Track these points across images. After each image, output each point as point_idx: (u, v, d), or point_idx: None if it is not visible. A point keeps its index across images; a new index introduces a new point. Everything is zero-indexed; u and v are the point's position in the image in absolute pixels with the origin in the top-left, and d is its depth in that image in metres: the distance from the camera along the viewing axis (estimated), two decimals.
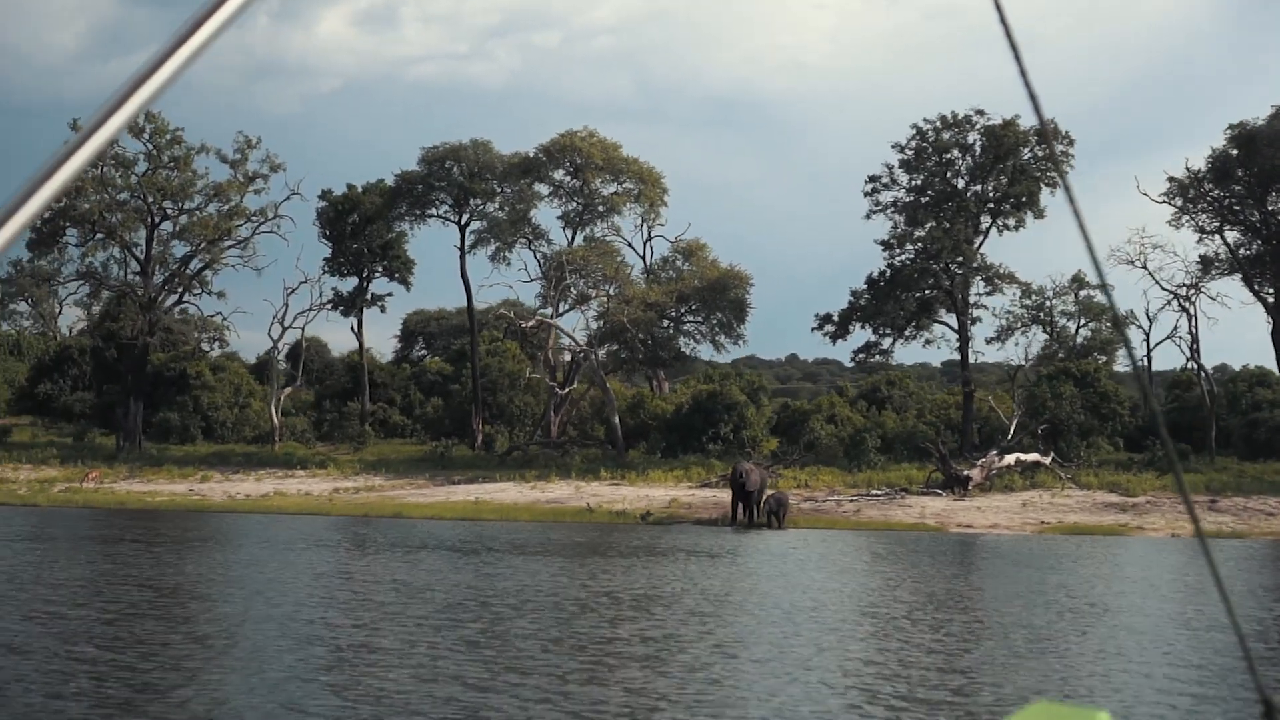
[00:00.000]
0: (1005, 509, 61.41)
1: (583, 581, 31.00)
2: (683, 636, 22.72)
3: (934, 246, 75.50)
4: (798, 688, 18.29)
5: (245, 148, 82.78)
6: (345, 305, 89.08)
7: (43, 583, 28.89)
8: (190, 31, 1.73)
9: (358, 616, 24.54)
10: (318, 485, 67.37)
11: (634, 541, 44.48)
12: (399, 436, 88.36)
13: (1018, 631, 24.25)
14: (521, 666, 19.15)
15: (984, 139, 77.22)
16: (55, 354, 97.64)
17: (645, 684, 18.21)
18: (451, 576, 31.53)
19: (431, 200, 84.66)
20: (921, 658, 21.13)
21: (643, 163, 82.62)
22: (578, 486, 66.88)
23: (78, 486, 64.42)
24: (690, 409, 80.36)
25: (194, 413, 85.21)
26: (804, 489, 67.11)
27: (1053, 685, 18.86)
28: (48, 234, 78.88)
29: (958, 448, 75.32)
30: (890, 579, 33.97)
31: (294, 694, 16.93)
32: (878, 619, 25.76)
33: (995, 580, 34.62)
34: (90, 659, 19.21)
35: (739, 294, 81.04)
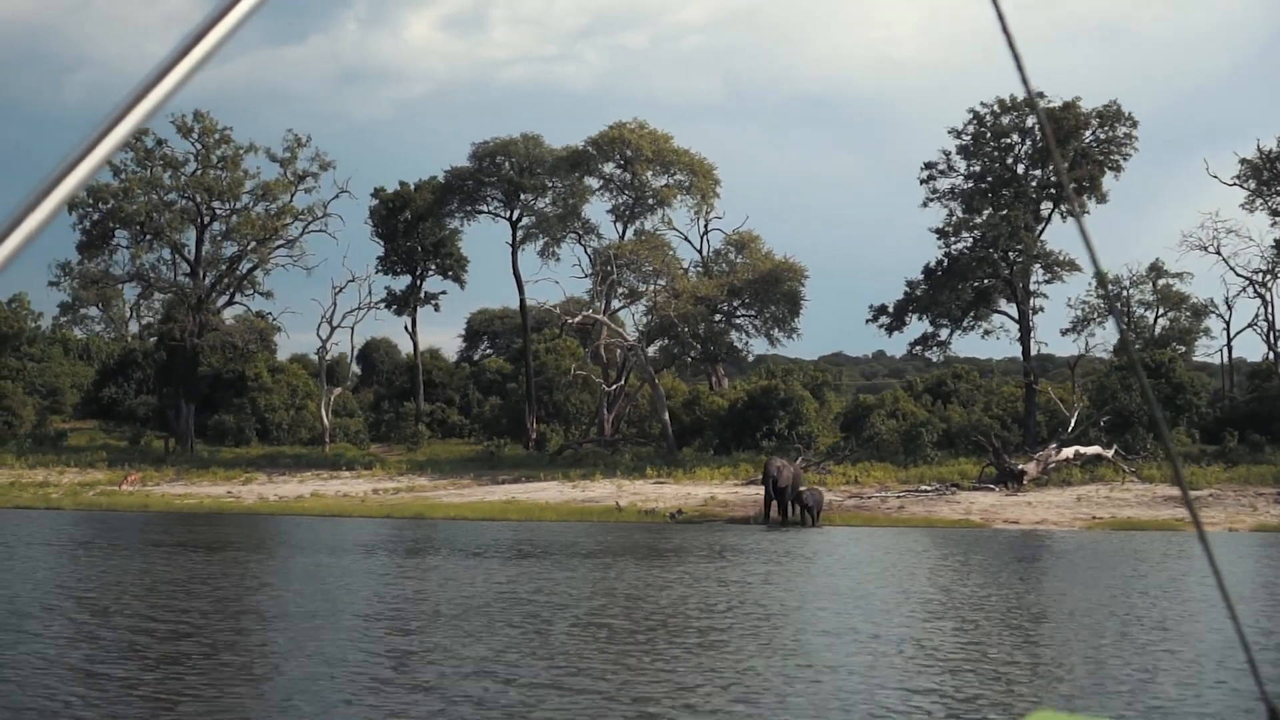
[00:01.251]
0: (1057, 504, 59.15)
1: (533, 586, 29.48)
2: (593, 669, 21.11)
3: (991, 234, 73.06)
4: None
5: (295, 146, 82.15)
6: (398, 304, 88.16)
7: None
8: (199, 36, 1.67)
9: (241, 625, 23.18)
10: (360, 486, 66.33)
11: (644, 541, 42.97)
12: (457, 436, 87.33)
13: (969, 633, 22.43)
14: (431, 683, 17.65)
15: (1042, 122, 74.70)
16: (120, 358, 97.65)
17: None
18: (394, 585, 30.12)
19: (482, 196, 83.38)
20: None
21: (694, 154, 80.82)
22: (620, 485, 65.38)
23: (115, 490, 63.81)
24: (744, 405, 78.59)
25: (249, 415, 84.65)
26: (853, 485, 65.31)
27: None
28: (97, 236, 78.56)
29: (1021, 442, 73.05)
30: (867, 581, 32.13)
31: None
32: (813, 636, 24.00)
33: (993, 579, 32.66)
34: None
35: (792, 287, 79.06)
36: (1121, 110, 74.46)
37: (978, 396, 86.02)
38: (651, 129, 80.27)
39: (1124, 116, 74.42)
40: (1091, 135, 74.61)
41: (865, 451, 73.91)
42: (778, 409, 76.99)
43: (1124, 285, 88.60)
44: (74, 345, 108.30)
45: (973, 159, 75.92)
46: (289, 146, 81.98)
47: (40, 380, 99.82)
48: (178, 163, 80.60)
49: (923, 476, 66.54)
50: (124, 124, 1.60)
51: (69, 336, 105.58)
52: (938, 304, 74.70)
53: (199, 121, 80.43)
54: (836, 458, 70.61)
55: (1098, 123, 74.43)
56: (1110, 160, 74.63)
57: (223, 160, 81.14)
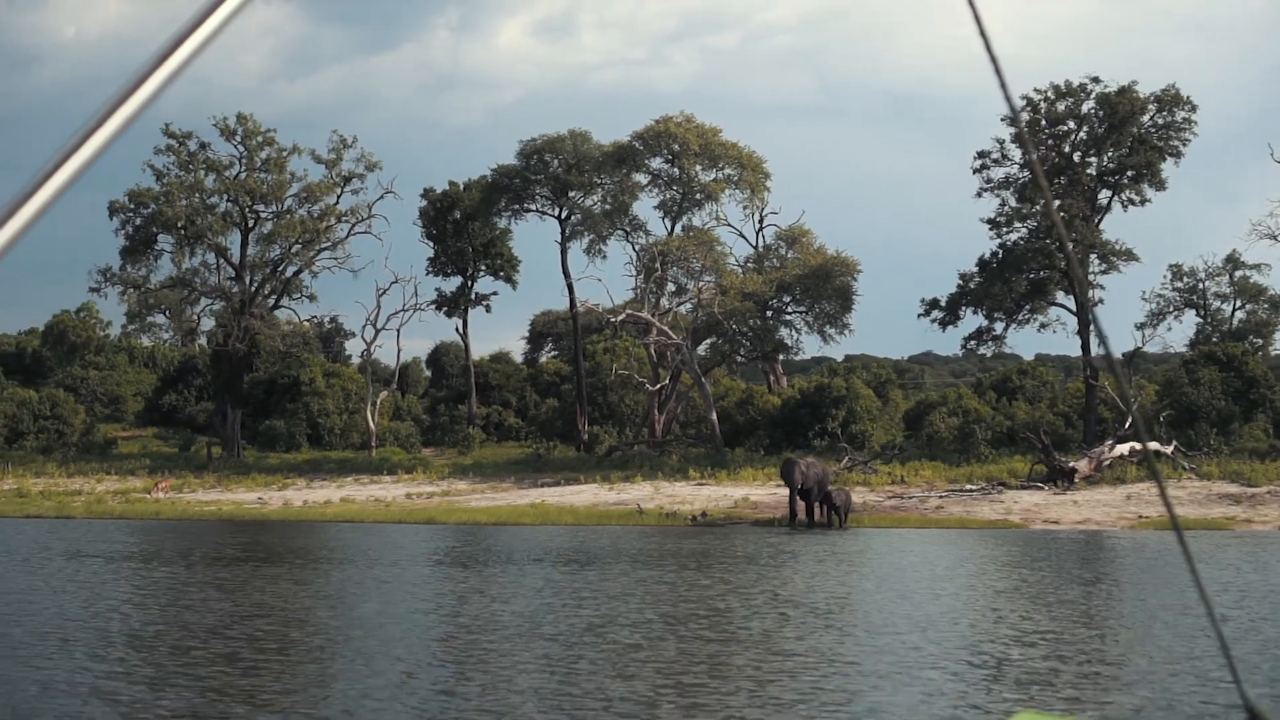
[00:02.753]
0: (1105, 502, 56.90)
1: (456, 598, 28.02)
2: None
3: (1045, 223, 70.58)
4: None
5: (340, 147, 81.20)
6: (449, 306, 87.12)
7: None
8: (186, 34, 1.73)
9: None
10: (396, 490, 65.20)
11: (639, 546, 41.43)
12: (513, 439, 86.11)
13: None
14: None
15: (1099, 108, 72.12)
16: (179, 365, 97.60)
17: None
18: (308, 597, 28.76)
19: (530, 194, 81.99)
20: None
21: (742, 147, 78.64)
22: (658, 487, 63.84)
23: (144, 497, 63.16)
24: (797, 404, 76.69)
25: (300, 419, 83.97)
26: (899, 485, 63.42)
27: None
28: (140, 241, 78.09)
29: (1082, 439, 70.63)
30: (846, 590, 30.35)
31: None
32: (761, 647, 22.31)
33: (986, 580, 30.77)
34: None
35: (844, 282, 76.86)
36: (1180, 94, 71.72)
37: (1043, 393, 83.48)
38: (698, 122, 78.40)
39: (1183, 101, 71.65)
40: (1150, 120, 71.94)
41: (917, 450, 71.91)
42: (830, 407, 75.02)
43: (1199, 277, 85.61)
44: (139, 353, 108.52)
45: (1028, 147, 73.51)
46: (334, 148, 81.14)
47: (102, 389, 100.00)
48: (220, 166, 79.93)
49: (972, 475, 64.52)
50: (109, 124, 1.61)
51: (134, 345, 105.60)
52: (990, 296, 72.26)
53: (242, 124, 79.80)
54: (885, 457, 68.60)
55: (1155, 108, 71.76)
56: (1169, 146, 71.88)
57: (266, 163, 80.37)
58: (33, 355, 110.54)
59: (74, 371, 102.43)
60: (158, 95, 1.66)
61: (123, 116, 1.62)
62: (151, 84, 1.65)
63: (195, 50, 1.69)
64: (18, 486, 66.93)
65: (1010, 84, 2.25)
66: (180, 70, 1.67)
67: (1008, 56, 2.20)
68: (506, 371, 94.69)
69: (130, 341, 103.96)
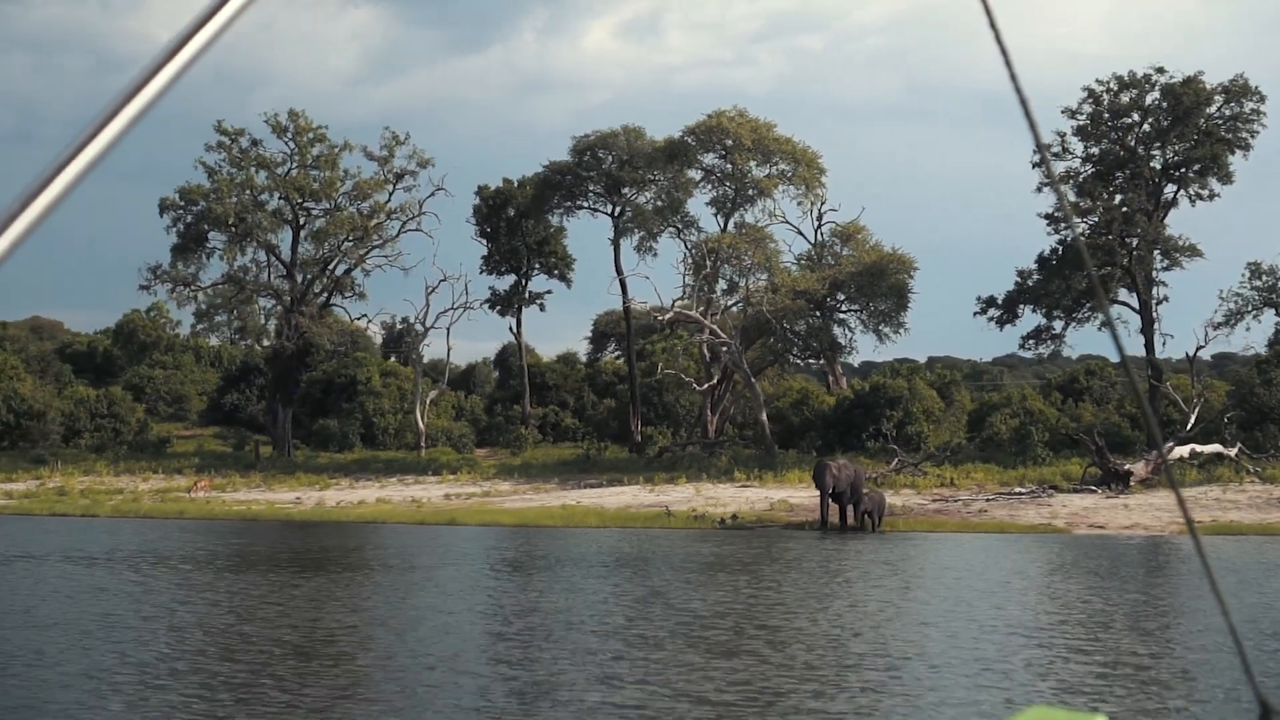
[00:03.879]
0: (1157, 506, 54.77)
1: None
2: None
3: (1106, 218, 68.31)
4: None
5: (393, 144, 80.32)
6: (502, 305, 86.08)
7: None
8: (190, 34, 1.73)
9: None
10: (436, 491, 64.17)
11: (640, 550, 40.20)
12: (569, 440, 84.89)
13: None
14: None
15: (1163, 99, 69.72)
16: (241, 364, 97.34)
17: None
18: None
19: (582, 191, 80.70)
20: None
21: (796, 142, 76.87)
22: (699, 489, 62.44)
23: (184, 497, 62.63)
24: (850, 405, 74.95)
25: (355, 419, 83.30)
26: (948, 487, 61.64)
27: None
28: (190, 238, 77.65)
29: (1146, 441, 68.31)
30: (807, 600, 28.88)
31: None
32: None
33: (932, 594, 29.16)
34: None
35: (899, 279, 74.89)
36: (1249, 85, 69.16)
37: (1111, 394, 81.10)
38: (751, 117, 76.73)
39: (1251, 91, 69.09)
40: (1216, 112, 69.49)
41: (974, 452, 70.04)
42: (885, 408, 73.22)
43: (1278, 276, 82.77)
44: (206, 352, 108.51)
45: (1089, 140, 71.23)
46: (386, 144, 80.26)
47: (166, 388, 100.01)
48: (271, 163, 79.36)
49: (1025, 478, 62.62)
50: (114, 123, 1.62)
51: (201, 344, 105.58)
52: (1048, 294, 70.06)
53: (293, 120, 79.20)
54: (937, 459, 66.73)
55: (1222, 99, 69.29)
56: (1238, 139, 69.34)
57: (318, 160, 79.70)
58: (104, 355, 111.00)
59: (140, 371, 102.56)
60: (169, 89, 1.64)
61: (133, 111, 1.60)
62: (161, 79, 1.62)
63: (205, 44, 1.66)
64: (62, 485, 66.69)
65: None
66: (192, 63, 1.65)
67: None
68: (564, 372, 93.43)
69: (198, 341, 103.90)
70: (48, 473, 71.23)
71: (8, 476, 69.80)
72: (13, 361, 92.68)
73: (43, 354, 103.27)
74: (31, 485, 66.94)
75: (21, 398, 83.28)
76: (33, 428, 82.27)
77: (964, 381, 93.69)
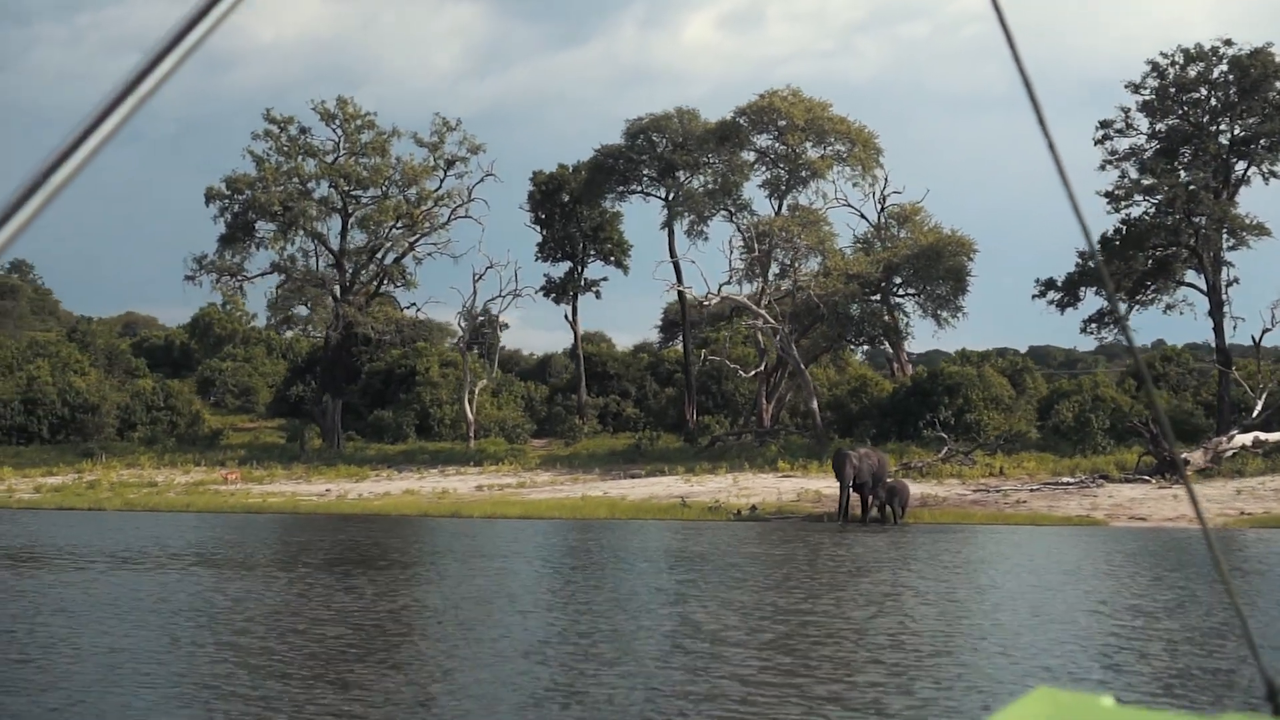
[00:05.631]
0: (1211, 497, 51.76)
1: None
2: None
3: (1169, 196, 65.09)
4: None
5: (443, 130, 78.91)
6: (557, 292, 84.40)
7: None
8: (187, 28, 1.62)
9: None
10: (469, 482, 62.67)
11: (613, 544, 38.35)
12: (629, 430, 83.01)
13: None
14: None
15: (1231, 72, 66.31)
16: (308, 356, 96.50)
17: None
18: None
19: (636, 175, 78.74)
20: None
21: (852, 122, 74.34)
22: (738, 479, 60.39)
23: (212, 489, 61.64)
24: (908, 392, 72.37)
25: (410, 410, 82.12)
26: (996, 477, 59.08)
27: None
28: (238, 228, 76.75)
29: (1215, 430, 65.06)
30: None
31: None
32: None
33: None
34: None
35: (957, 262, 72.03)
36: None
37: (1188, 381, 77.70)
38: (805, 97, 74.27)
39: None
40: None
41: (1035, 440, 67.27)
42: (943, 395, 70.56)
43: None
44: (278, 345, 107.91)
45: (1155, 115, 68.02)
46: (436, 130, 78.86)
47: (234, 380, 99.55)
48: (320, 151, 78.26)
49: (1078, 468, 59.89)
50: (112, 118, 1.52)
51: (273, 336, 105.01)
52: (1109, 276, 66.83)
53: (341, 108, 78.08)
54: (989, 447, 64.11)
55: None
56: None
57: (366, 147, 78.50)
58: (180, 348, 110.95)
59: (212, 364, 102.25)
60: (168, 78, 1.55)
61: (130, 105, 1.51)
62: (162, 69, 1.54)
63: (205, 34, 1.57)
64: (99, 478, 66.01)
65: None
66: (190, 53, 1.56)
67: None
68: (627, 360, 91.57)
69: (270, 333, 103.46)
70: (90, 466, 70.73)
71: (49, 470, 69.31)
72: (75, 355, 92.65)
73: (110, 347, 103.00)
74: (70, 479, 66.35)
75: (77, 391, 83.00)
76: (87, 421, 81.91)
77: (1038, 369, 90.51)
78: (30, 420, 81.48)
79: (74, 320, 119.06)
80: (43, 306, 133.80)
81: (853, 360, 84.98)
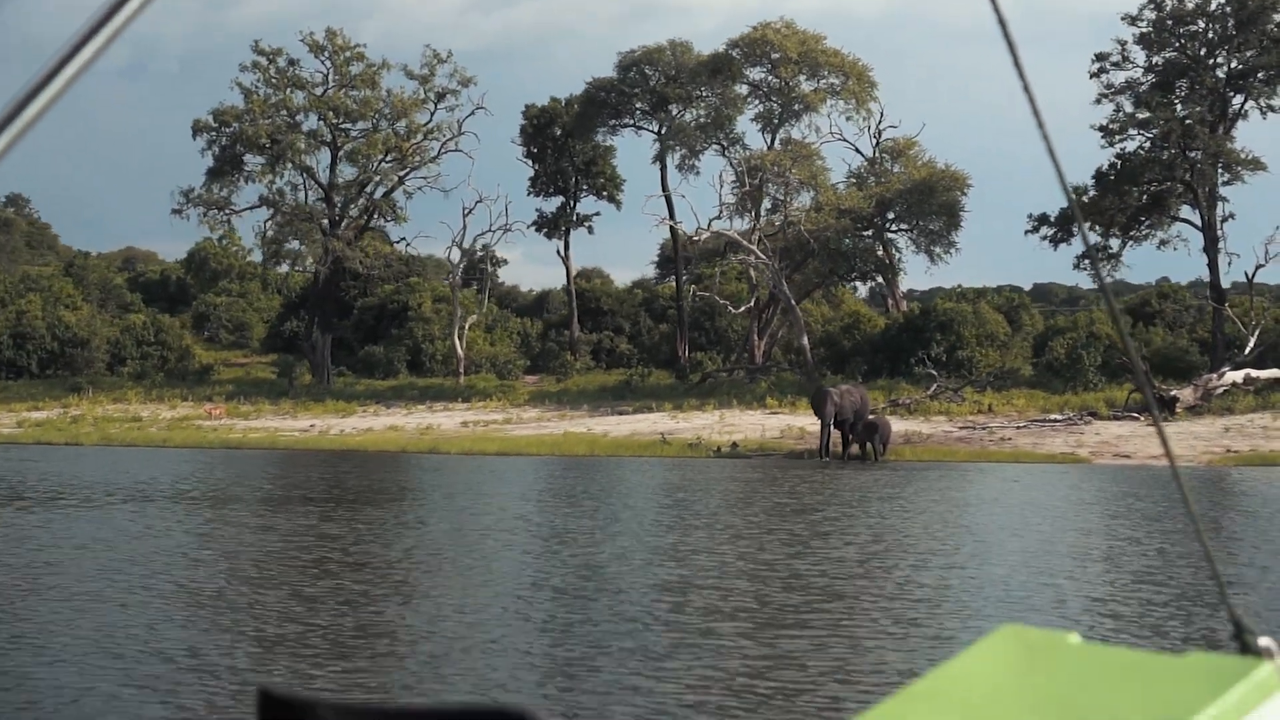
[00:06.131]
0: (1199, 435, 51.30)
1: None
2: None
3: (1164, 129, 64.18)
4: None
5: (434, 63, 77.89)
6: (549, 227, 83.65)
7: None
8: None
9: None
10: (453, 419, 62.23)
11: (561, 481, 37.87)
12: (622, 366, 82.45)
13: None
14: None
15: (1229, 4, 65.24)
16: (302, 291, 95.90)
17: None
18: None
19: (629, 109, 77.82)
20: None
21: (846, 55, 73.33)
22: (724, 415, 59.93)
23: (195, 425, 61.27)
24: (899, 329, 71.71)
25: (402, 346, 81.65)
26: (985, 414, 58.56)
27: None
28: (225, 161, 75.91)
29: (1208, 367, 64.38)
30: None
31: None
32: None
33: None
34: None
35: (951, 197, 71.16)
36: None
37: (1185, 318, 76.91)
38: (799, 29, 73.25)
39: None
40: None
41: (1027, 377, 66.68)
42: (935, 332, 69.91)
43: None
44: (273, 280, 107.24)
45: (1152, 48, 67.05)
46: (427, 63, 77.88)
47: (228, 315, 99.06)
48: (310, 83, 77.35)
49: (1068, 404, 59.34)
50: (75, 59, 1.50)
51: (269, 271, 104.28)
52: (1100, 211, 66.07)
53: (330, 40, 77.12)
54: (979, 384, 63.57)
55: None
56: None
57: (356, 79, 77.53)
58: (176, 283, 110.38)
59: (206, 299, 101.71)
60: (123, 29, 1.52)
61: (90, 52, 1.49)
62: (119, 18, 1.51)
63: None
64: (84, 413, 65.68)
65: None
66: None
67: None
68: (621, 296, 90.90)
69: (266, 268, 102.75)
70: (76, 400, 70.37)
71: (35, 405, 68.95)
72: (68, 290, 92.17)
73: (104, 282, 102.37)
74: (55, 414, 65.99)
75: (66, 325, 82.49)
76: (76, 355, 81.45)
77: (1039, 306, 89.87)
78: (19, 355, 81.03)
79: (72, 255, 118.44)
80: (41, 241, 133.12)
81: (849, 297, 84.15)
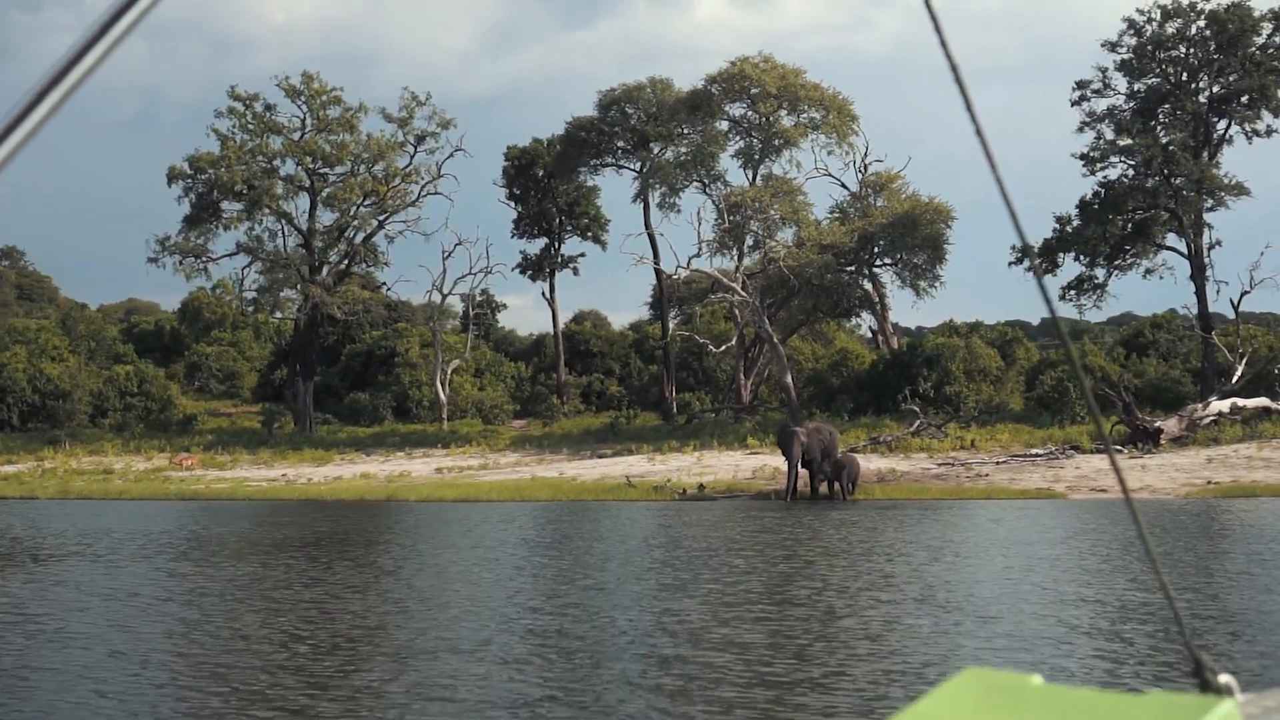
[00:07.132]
0: (1180, 467, 50.24)
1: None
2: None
3: (1147, 155, 63.12)
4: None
5: (412, 105, 77.16)
6: (533, 269, 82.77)
7: None
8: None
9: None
10: (428, 465, 61.04)
11: (488, 529, 36.84)
12: (612, 408, 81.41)
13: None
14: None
15: (1210, 28, 64.32)
16: (291, 340, 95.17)
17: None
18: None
19: (609, 147, 77.02)
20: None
21: (826, 89, 72.42)
22: (700, 457, 58.85)
23: (165, 476, 60.24)
24: (886, 365, 70.60)
25: (387, 392, 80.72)
26: (967, 450, 57.38)
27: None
28: (202, 208, 75.08)
29: (1197, 397, 63.14)
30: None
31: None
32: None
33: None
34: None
35: (935, 230, 70.00)
36: None
37: (1179, 348, 75.59)
38: (778, 63, 72.37)
39: None
40: (1266, 40, 64.04)
41: (1016, 412, 65.52)
42: (921, 368, 68.78)
43: None
44: (266, 329, 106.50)
45: (1133, 75, 66.06)
46: (405, 105, 77.15)
47: (218, 365, 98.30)
48: (286, 128, 76.60)
49: (1051, 438, 58.18)
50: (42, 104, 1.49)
51: (261, 320, 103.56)
52: (1083, 240, 64.96)
53: (306, 84, 76.42)
54: (964, 420, 62.43)
55: (1272, 25, 63.80)
56: None
57: (333, 123, 76.74)
58: (170, 333, 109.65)
59: (199, 349, 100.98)
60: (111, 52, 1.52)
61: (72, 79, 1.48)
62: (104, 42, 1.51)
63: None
64: (57, 465, 64.75)
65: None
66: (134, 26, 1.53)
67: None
68: (610, 338, 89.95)
69: (258, 317, 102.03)
70: (52, 453, 69.46)
71: (10, 459, 67.95)
72: (55, 342, 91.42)
73: (94, 333, 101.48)
74: (27, 467, 65.01)
75: (48, 378, 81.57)
76: (57, 408, 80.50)
77: (1042, 340, 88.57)
78: (0, 408, 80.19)
79: (70, 307, 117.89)
80: (41, 293, 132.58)
81: (838, 334, 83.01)
